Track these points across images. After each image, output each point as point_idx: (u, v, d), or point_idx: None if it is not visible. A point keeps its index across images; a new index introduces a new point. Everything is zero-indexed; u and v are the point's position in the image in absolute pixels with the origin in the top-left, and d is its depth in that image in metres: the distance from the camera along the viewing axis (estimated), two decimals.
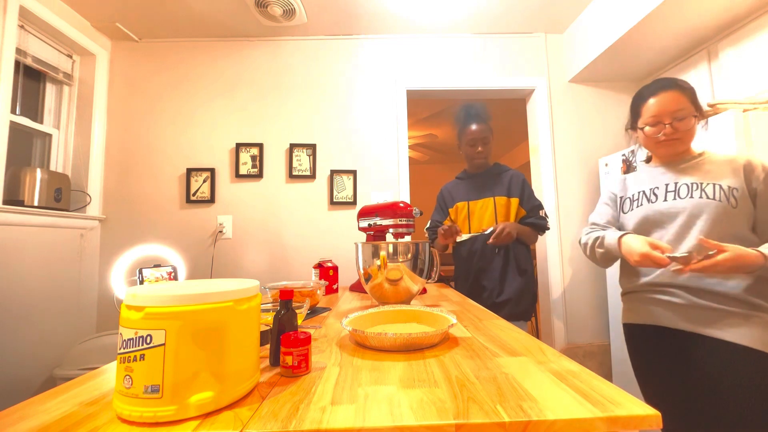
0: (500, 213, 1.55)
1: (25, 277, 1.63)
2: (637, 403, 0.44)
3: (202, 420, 0.43)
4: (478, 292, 1.55)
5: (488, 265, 1.53)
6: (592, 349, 2.07)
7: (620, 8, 1.73)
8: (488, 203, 1.57)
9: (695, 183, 0.95)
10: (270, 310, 0.80)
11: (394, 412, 0.43)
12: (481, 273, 1.55)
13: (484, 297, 1.53)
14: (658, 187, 1.01)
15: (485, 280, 1.53)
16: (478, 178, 1.64)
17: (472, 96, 2.33)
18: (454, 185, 1.71)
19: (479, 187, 1.62)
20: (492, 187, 1.60)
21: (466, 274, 1.60)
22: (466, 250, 1.59)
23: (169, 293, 0.44)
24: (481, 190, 1.61)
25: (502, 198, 1.56)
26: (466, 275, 1.60)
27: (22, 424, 0.43)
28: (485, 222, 1.56)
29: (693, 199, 0.93)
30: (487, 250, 1.53)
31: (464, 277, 1.61)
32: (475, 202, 1.59)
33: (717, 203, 0.90)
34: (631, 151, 1.76)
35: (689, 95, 0.97)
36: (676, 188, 0.97)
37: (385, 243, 1.03)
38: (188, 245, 2.10)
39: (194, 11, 1.98)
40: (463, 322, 0.91)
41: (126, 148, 2.16)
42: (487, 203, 1.57)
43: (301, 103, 2.21)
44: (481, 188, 1.61)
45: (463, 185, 1.67)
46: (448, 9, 2.01)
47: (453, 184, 1.72)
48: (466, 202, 1.61)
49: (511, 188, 1.58)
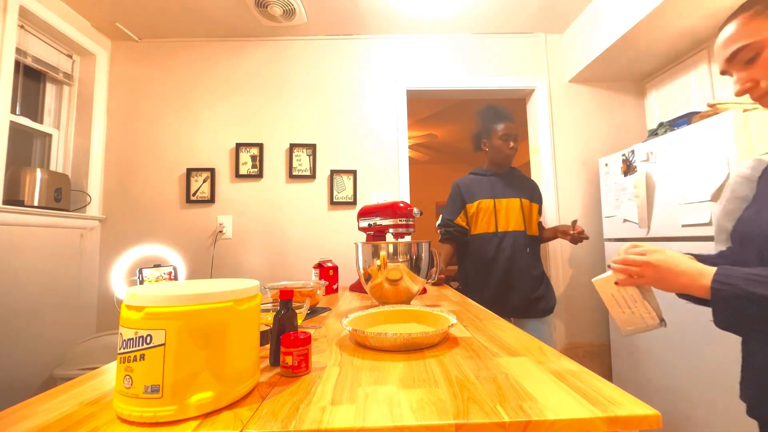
0: (525, 215, 1.58)
1: (25, 277, 1.63)
2: (637, 403, 0.44)
3: (202, 420, 0.43)
4: (505, 291, 1.53)
5: (519, 264, 1.53)
6: (592, 349, 2.07)
7: (620, 8, 1.73)
8: (515, 203, 1.57)
9: None
10: (270, 310, 0.80)
11: (394, 412, 0.43)
12: (510, 272, 1.53)
13: (513, 296, 1.52)
14: None
15: (514, 278, 1.52)
16: (503, 177, 1.64)
17: (473, 96, 2.33)
18: (472, 181, 1.67)
19: (504, 186, 1.62)
20: (518, 188, 1.62)
21: (486, 275, 1.56)
22: (493, 249, 1.55)
23: (169, 293, 0.44)
24: (505, 189, 1.61)
25: (526, 201, 1.60)
26: (486, 276, 1.56)
27: (22, 424, 0.43)
28: (512, 221, 1.56)
29: None
30: (518, 249, 1.53)
31: (483, 277, 1.57)
32: (501, 200, 1.58)
33: None
34: (631, 151, 1.76)
35: None
36: None
37: (385, 243, 1.03)
38: (188, 245, 2.10)
39: (194, 11, 1.98)
40: (463, 322, 0.91)
41: (126, 148, 2.16)
42: (514, 203, 1.57)
43: (301, 102, 2.21)
44: (506, 187, 1.61)
45: (485, 182, 1.64)
46: (448, 9, 2.01)
47: (471, 179, 1.69)
48: (492, 200, 1.59)
49: (533, 194, 1.65)
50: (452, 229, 1.63)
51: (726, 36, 0.63)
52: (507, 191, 1.60)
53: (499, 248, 1.55)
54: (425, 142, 4.78)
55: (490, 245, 1.57)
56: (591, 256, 2.14)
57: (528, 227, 1.58)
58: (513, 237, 1.53)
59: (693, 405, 1.41)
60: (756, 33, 0.59)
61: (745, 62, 0.62)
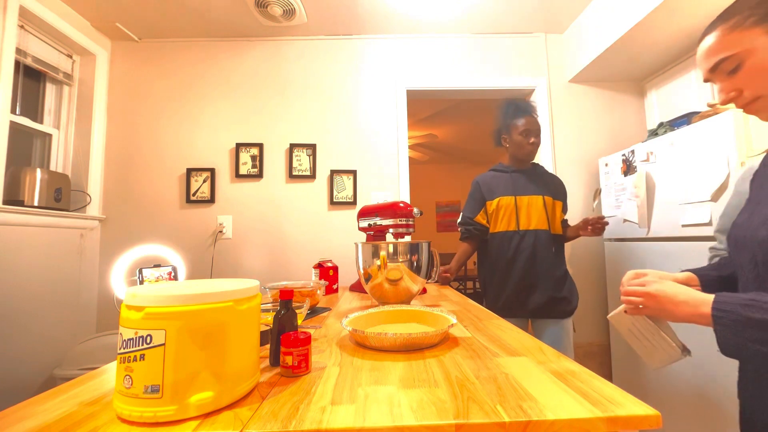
0: (549, 213, 1.54)
1: (25, 277, 1.63)
2: (637, 403, 0.44)
3: (202, 420, 0.43)
4: (526, 291, 1.49)
5: (541, 263, 1.49)
6: (592, 349, 2.07)
7: (620, 8, 1.73)
8: (537, 200, 1.54)
9: None
10: (270, 310, 0.80)
11: (394, 412, 0.43)
12: (531, 271, 1.49)
13: (534, 297, 1.48)
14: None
15: (535, 278, 1.49)
16: (524, 174, 1.60)
17: (473, 96, 2.33)
18: (492, 177, 1.64)
19: (526, 183, 1.58)
20: (540, 185, 1.57)
21: (506, 274, 1.52)
22: (513, 247, 1.51)
23: (169, 293, 0.44)
24: (527, 186, 1.57)
25: (549, 198, 1.56)
26: (505, 275, 1.52)
27: (22, 424, 0.43)
28: (534, 219, 1.52)
29: None
30: (541, 248, 1.50)
31: (502, 277, 1.53)
32: (522, 197, 1.55)
33: None
34: (631, 151, 1.76)
35: None
36: None
37: (385, 243, 1.03)
38: (188, 245, 2.10)
39: (194, 11, 1.98)
40: (463, 322, 0.91)
41: (126, 148, 2.16)
42: (536, 200, 1.54)
43: (301, 102, 2.21)
44: (528, 184, 1.57)
45: (505, 179, 1.61)
46: (448, 9, 2.01)
47: (491, 176, 1.65)
48: (513, 197, 1.55)
49: (558, 191, 1.61)
50: (472, 227, 1.60)
51: (707, 47, 0.65)
52: (529, 188, 1.56)
53: (519, 247, 1.50)
54: (425, 142, 4.79)
55: (510, 243, 1.52)
56: (591, 256, 2.14)
57: (552, 225, 1.53)
58: (535, 235, 1.49)
59: (693, 405, 1.41)
60: (737, 45, 0.61)
61: (727, 72, 0.63)
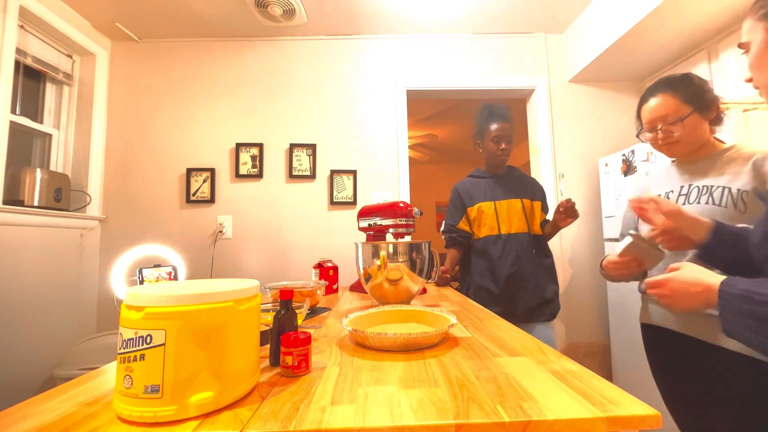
0: (528, 215, 1.55)
1: (25, 277, 1.63)
2: (637, 403, 0.44)
3: (202, 420, 0.43)
4: (515, 292, 1.49)
5: (526, 266, 1.49)
6: (592, 349, 2.07)
7: (620, 8, 1.73)
8: (516, 204, 1.55)
9: (705, 186, 0.86)
10: (270, 310, 0.80)
11: (394, 412, 0.43)
12: (517, 274, 1.49)
13: (521, 300, 1.48)
14: (672, 190, 0.95)
15: (521, 281, 1.49)
16: (501, 178, 1.61)
17: (473, 96, 2.33)
18: (471, 184, 1.65)
19: (503, 187, 1.59)
20: (517, 188, 1.58)
21: (493, 276, 1.52)
22: (499, 249, 1.52)
23: (169, 293, 0.44)
24: (505, 190, 1.58)
25: (528, 201, 1.57)
26: (493, 277, 1.52)
27: (22, 424, 0.43)
28: (514, 223, 1.52)
29: (700, 205, 0.85)
30: (523, 251, 1.50)
31: (489, 281, 1.52)
32: (501, 202, 1.56)
33: (723, 210, 0.80)
34: (631, 151, 1.76)
35: (684, 94, 0.89)
36: (688, 192, 0.90)
37: (385, 243, 1.03)
38: (188, 245, 2.10)
39: (194, 11, 1.98)
40: (463, 322, 0.91)
41: (126, 148, 2.16)
42: (515, 204, 1.55)
43: (301, 103, 2.21)
44: (506, 188, 1.58)
45: (483, 184, 1.62)
46: (448, 9, 2.01)
47: (470, 182, 1.66)
48: (492, 202, 1.56)
49: (535, 192, 1.61)
50: (455, 234, 1.61)
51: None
52: (507, 192, 1.57)
53: (504, 251, 1.52)
54: (425, 142, 4.78)
55: (495, 248, 1.53)
56: (591, 256, 2.14)
57: (531, 227, 1.55)
58: (517, 239, 1.50)
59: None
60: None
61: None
